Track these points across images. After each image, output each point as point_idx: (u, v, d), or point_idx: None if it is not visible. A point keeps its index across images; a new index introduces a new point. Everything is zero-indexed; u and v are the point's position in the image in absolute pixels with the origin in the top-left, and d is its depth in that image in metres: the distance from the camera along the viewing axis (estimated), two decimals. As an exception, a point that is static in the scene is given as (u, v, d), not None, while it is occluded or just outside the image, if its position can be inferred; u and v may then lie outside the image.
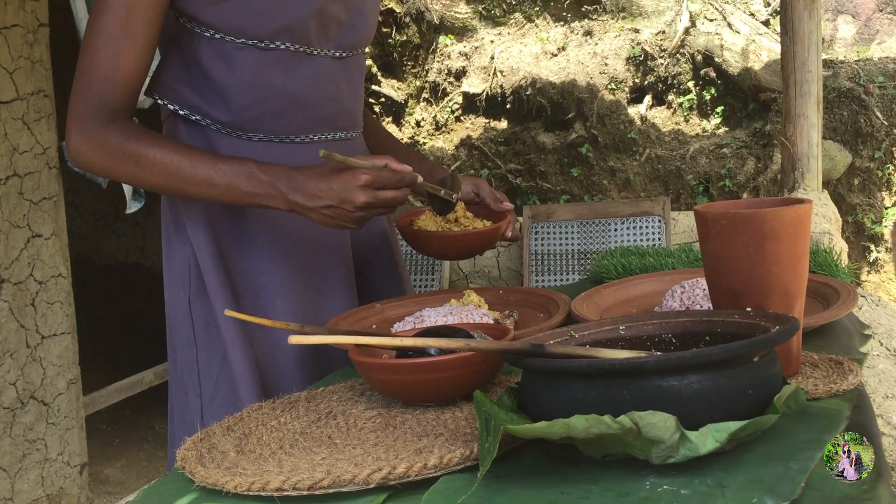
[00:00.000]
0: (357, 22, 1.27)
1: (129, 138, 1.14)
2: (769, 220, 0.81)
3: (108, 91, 1.14)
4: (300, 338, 0.70)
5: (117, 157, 1.13)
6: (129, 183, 1.18)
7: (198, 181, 1.13)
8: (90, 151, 1.14)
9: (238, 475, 0.71)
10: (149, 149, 1.13)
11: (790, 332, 0.69)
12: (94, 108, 1.14)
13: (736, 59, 5.00)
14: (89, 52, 1.15)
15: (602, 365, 0.65)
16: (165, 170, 1.13)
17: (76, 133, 1.15)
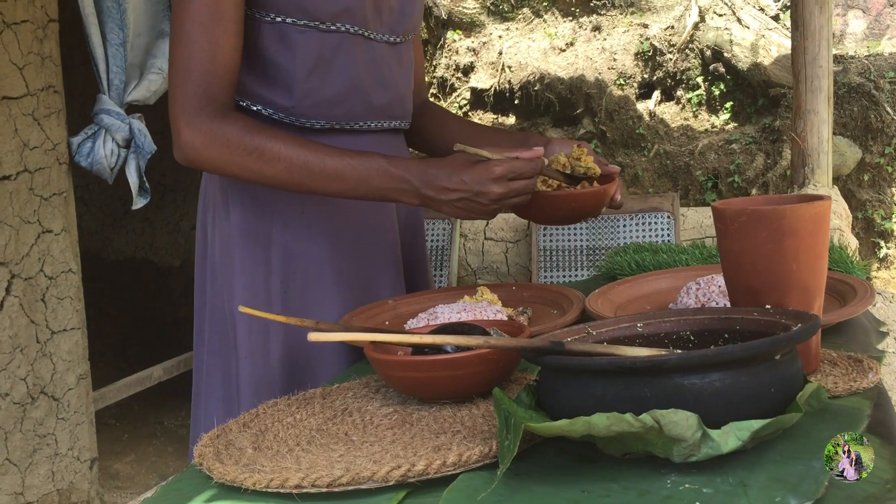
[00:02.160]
0: (407, 7, 1.27)
1: (248, 132, 1.11)
2: (788, 217, 0.80)
3: (212, 82, 1.12)
4: (320, 335, 0.70)
5: (237, 152, 1.11)
6: (248, 178, 1.14)
7: (326, 175, 1.11)
8: (206, 147, 1.11)
9: (256, 472, 0.71)
10: (272, 142, 1.11)
11: (812, 329, 0.69)
12: (202, 102, 1.11)
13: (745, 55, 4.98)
14: (183, 43, 1.12)
15: (623, 363, 0.65)
16: (291, 164, 1.11)
17: (188, 129, 1.11)
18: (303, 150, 1.11)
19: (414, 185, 1.10)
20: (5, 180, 2.62)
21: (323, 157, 1.11)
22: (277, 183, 1.13)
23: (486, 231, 4.43)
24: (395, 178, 1.11)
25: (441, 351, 0.86)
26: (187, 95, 1.11)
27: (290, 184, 1.12)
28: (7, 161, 2.62)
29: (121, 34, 2.86)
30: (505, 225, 4.42)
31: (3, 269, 2.61)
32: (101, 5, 2.83)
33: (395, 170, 1.11)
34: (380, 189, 1.11)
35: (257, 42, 1.18)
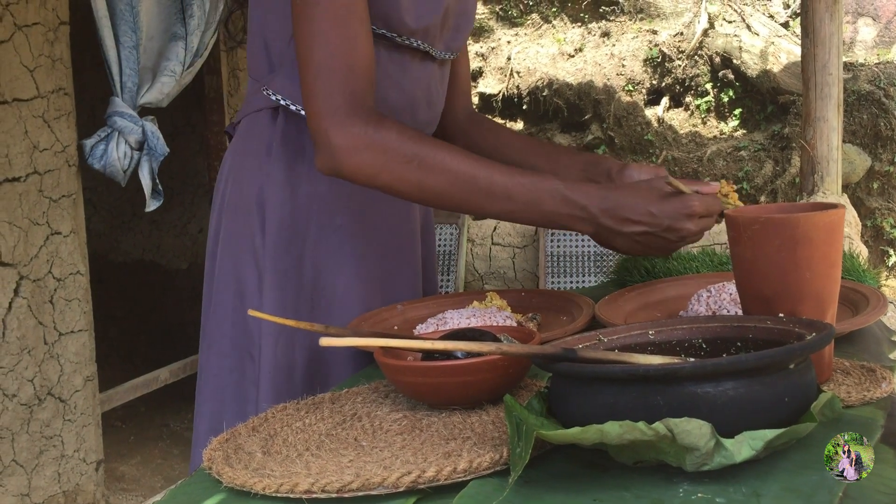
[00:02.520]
0: (463, 24, 1.24)
1: (409, 139, 1.03)
2: (802, 225, 0.80)
3: (356, 82, 1.03)
4: (331, 340, 0.70)
5: (395, 159, 1.02)
6: (402, 189, 1.04)
7: (492, 192, 1.02)
8: (359, 152, 1.02)
9: (266, 476, 0.71)
10: (435, 151, 1.03)
11: (827, 338, 0.68)
12: (351, 103, 1.03)
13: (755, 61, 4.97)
14: (320, 41, 1.02)
15: (636, 370, 0.65)
16: (456, 176, 1.02)
17: (340, 132, 1.02)
18: (470, 163, 1.03)
19: (591, 213, 1.02)
20: (15, 182, 2.63)
21: (492, 172, 1.02)
22: (435, 196, 1.04)
23: (494, 236, 4.43)
24: (570, 203, 1.02)
25: (451, 357, 0.85)
26: (333, 96, 1.02)
27: (450, 198, 1.03)
28: (17, 163, 2.63)
29: (134, 37, 2.87)
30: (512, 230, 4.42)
31: (11, 271, 2.62)
32: (115, 8, 2.84)
33: (571, 194, 1.02)
34: (551, 214, 1.03)
35: None
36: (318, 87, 1.03)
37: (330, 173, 1.06)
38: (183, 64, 3.10)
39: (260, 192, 1.20)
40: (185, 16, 3.11)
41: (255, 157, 1.22)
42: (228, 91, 3.92)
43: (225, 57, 3.88)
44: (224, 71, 3.88)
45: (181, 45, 3.09)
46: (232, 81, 3.97)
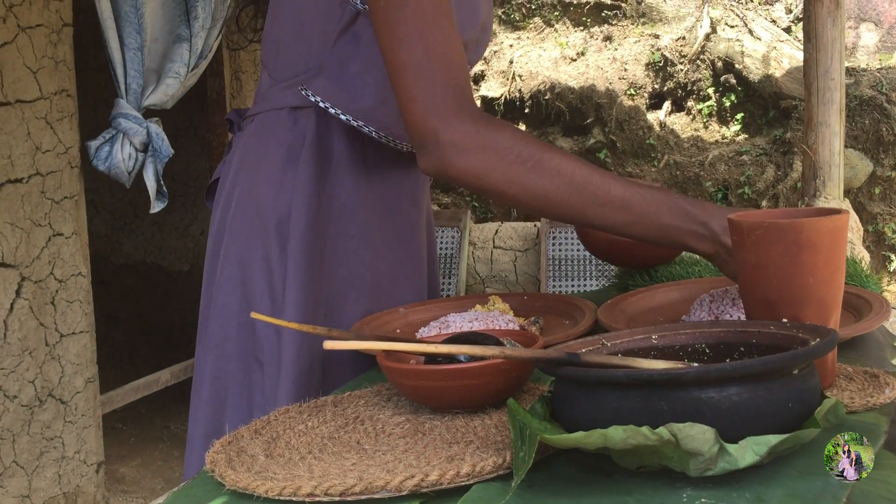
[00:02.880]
0: (485, 38, 1.25)
1: (521, 138, 0.98)
2: (806, 231, 0.80)
3: (459, 79, 0.99)
4: (336, 343, 0.70)
5: (508, 159, 0.96)
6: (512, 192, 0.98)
7: (608, 201, 0.97)
8: (470, 152, 0.97)
9: (269, 479, 0.71)
10: (550, 154, 0.97)
11: (831, 344, 0.68)
12: (457, 101, 0.98)
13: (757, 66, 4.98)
14: (414, 42, 0.98)
15: (640, 375, 0.64)
16: (572, 181, 0.96)
17: (450, 131, 0.97)
18: (586, 169, 0.97)
19: (713, 231, 0.96)
20: (17, 183, 2.63)
21: (608, 180, 0.97)
22: (546, 202, 0.98)
23: (495, 239, 4.43)
24: (691, 218, 0.97)
25: (454, 360, 0.85)
26: (437, 95, 0.97)
27: (562, 205, 0.97)
28: (19, 164, 2.63)
29: (138, 38, 2.87)
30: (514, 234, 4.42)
31: (13, 272, 2.62)
32: (119, 10, 2.84)
33: (693, 209, 0.97)
34: (669, 228, 0.97)
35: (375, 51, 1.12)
36: (420, 88, 0.98)
37: (436, 173, 1.01)
38: (187, 66, 3.10)
39: (277, 194, 1.18)
40: (189, 18, 3.11)
41: (273, 158, 1.20)
42: (231, 93, 3.93)
43: (228, 59, 3.88)
44: (227, 73, 3.89)
45: (185, 46, 3.09)
46: (234, 83, 3.97)
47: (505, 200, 1.01)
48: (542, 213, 1.01)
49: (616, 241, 1.29)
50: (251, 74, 4.08)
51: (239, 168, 1.23)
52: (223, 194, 1.25)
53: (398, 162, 1.25)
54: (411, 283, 1.30)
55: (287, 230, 1.17)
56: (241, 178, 1.22)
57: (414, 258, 1.30)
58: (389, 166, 1.24)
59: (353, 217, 1.21)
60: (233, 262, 1.20)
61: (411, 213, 1.29)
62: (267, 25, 1.26)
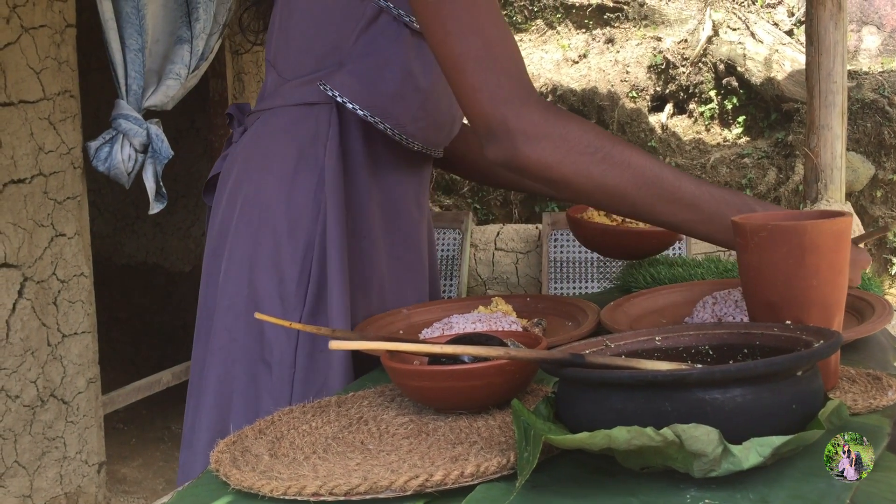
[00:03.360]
0: None
1: (590, 130, 0.96)
2: (810, 233, 0.80)
3: (521, 68, 0.97)
4: (341, 343, 0.70)
5: (578, 149, 0.95)
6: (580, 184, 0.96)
7: (678, 198, 0.95)
8: (540, 141, 0.95)
9: (274, 479, 0.71)
10: (621, 147, 0.96)
11: (835, 346, 0.68)
12: (524, 91, 0.97)
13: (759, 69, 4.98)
14: (472, 34, 0.97)
15: (644, 376, 0.65)
16: (643, 175, 0.95)
17: (520, 120, 0.95)
18: (657, 164, 0.95)
19: None
20: (20, 183, 2.63)
21: (680, 176, 0.95)
22: (613, 195, 0.96)
23: (497, 241, 4.43)
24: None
25: (458, 361, 0.86)
26: (503, 85, 0.96)
27: (630, 198, 0.96)
28: (22, 164, 2.64)
29: (139, 40, 2.88)
30: (515, 235, 4.42)
31: (15, 272, 2.63)
32: (121, 11, 2.85)
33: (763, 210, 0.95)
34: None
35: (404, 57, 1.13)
36: (484, 78, 0.96)
37: (505, 162, 0.98)
38: (188, 67, 3.11)
39: (290, 193, 1.17)
40: (190, 19, 3.12)
41: (284, 157, 1.19)
42: (233, 94, 3.93)
43: (230, 60, 3.89)
44: (229, 74, 3.89)
45: (187, 48, 3.10)
46: (237, 85, 3.98)
47: (572, 191, 0.99)
48: (609, 205, 0.99)
49: (609, 231, 1.29)
50: (254, 76, 4.08)
51: (245, 166, 1.22)
52: (225, 192, 1.23)
53: (406, 162, 1.25)
54: (413, 284, 1.30)
55: (301, 232, 1.16)
56: (248, 177, 1.21)
57: (417, 259, 1.31)
58: (398, 166, 1.25)
59: (364, 217, 1.21)
60: (238, 262, 1.19)
61: (414, 213, 1.29)
62: (274, 24, 1.26)
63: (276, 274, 1.17)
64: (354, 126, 1.19)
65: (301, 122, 1.19)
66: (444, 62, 1.00)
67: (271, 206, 1.18)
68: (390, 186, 1.25)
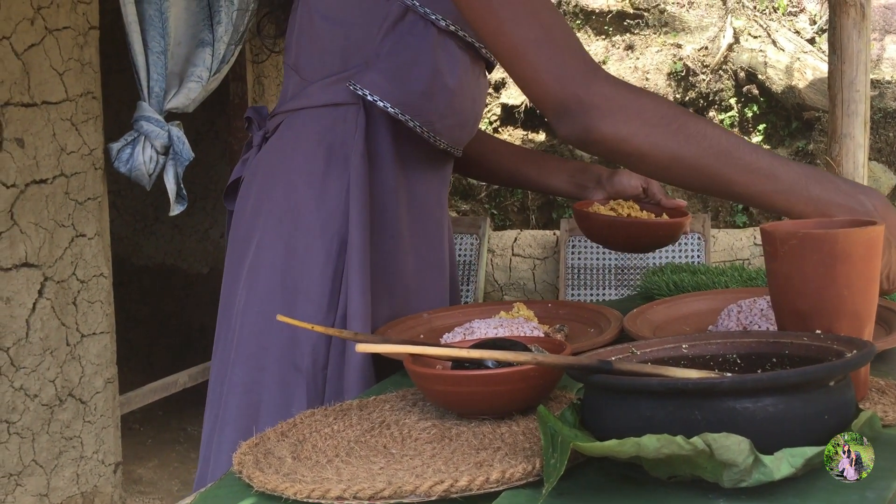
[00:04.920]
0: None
1: (663, 103, 0.95)
2: (841, 242, 0.79)
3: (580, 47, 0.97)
4: (368, 346, 0.70)
5: (653, 120, 0.93)
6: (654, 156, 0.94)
7: (756, 168, 0.92)
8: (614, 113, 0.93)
9: (297, 482, 0.71)
10: (694, 119, 0.95)
11: (868, 356, 0.67)
12: (590, 66, 0.96)
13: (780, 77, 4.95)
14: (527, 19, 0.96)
15: (674, 384, 0.64)
16: (719, 146, 0.92)
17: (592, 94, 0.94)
18: (731, 136, 0.93)
19: (866, 207, 0.91)
20: (42, 184, 2.65)
21: (755, 148, 0.93)
22: (689, 168, 0.94)
23: (514, 247, 4.42)
24: (844, 193, 0.91)
25: (481, 366, 0.85)
26: (568, 63, 0.95)
27: (709, 169, 0.93)
28: (44, 165, 2.66)
29: (162, 42, 2.89)
30: (533, 241, 4.41)
31: (36, 272, 2.64)
32: (144, 14, 2.86)
33: (844, 184, 0.93)
34: (819, 200, 0.91)
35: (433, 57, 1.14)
36: (548, 60, 0.95)
37: (579, 139, 0.97)
38: (209, 70, 3.12)
39: (321, 195, 1.17)
40: (212, 22, 3.13)
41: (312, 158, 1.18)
42: (253, 98, 3.94)
43: (251, 64, 3.90)
44: (249, 77, 3.91)
45: (208, 51, 3.11)
46: (257, 88, 4.00)
47: (649, 165, 0.97)
48: (684, 179, 0.96)
49: (616, 223, 1.28)
50: (273, 79, 4.09)
51: (270, 170, 1.21)
52: (250, 198, 1.23)
53: (431, 161, 1.25)
54: (435, 285, 1.30)
55: (333, 232, 1.16)
56: (276, 181, 1.20)
57: (439, 259, 1.30)
58: (423, 165, 1.25)
59: (391, 217, 1.21)
60: (269, 268, 1.17)
61: (437, 213, 1.29)
62: (294, 29, 1.25)
63: (310, 278, 1.16)
64: (382, 125, 1.19)
65: (328, 123, 1.19)
66: (501, 51, 0.99)
67: (302, 210, 1.17)
68: (416, 185, 1.25)
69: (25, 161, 2.59)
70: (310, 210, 1.17)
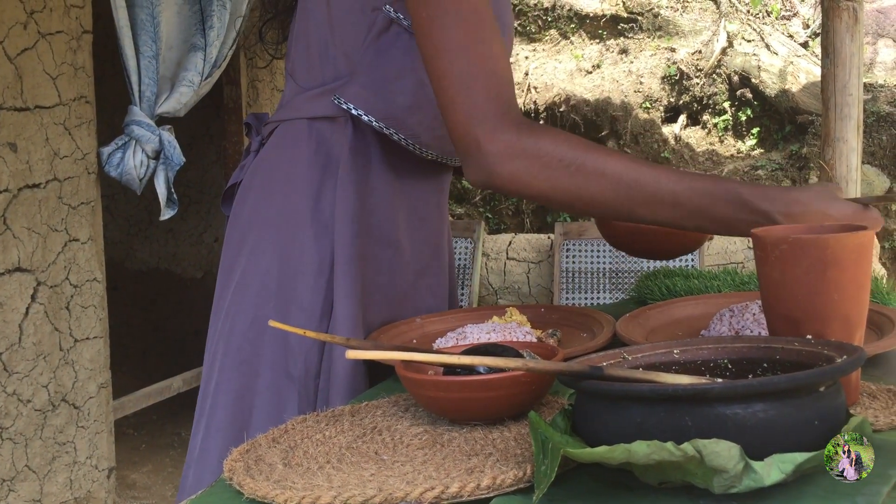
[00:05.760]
0: (509, 45, 1.25)
1: (563, 143, 0.97)
2: (832, 247, 0.79)
3: (502, 88, 0.99)
4: (358, 353, 0.70)
5: (552, 165, 0.96)
6: (558, 197, 0.99)
7: (658, 199, 0.95)
8: (514, 160, 0.97)
9: (288, 489, 0.71)
10: (594, 155, 0.97)
11: (859, 361, 0.67)
12: (501, 110, 0.98)
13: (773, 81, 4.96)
14: (457, 51, 0.98)
15: (665, 390, 0.64)
16: (619, 181, 0.95)
17: (493, 140, 0.97)
18: (633, 165, 0.96)
19: (773, 220, 0.92)
20: (35, 188, 2.65)
21: (659, 175, 0.96)
22: (595, 203, 0.98)
23: (509, 251, 4.43)
24: (749, 209, 0.93)
25: (473, 372, 0.85)
26: (479, 104, 0.98)
27: (611, 205, 0.97)
28: (37, 169, 2.65)
29: (154, 47, 2.89)
30: (527, 245, 4.41)
31: (29, 277, 2.63)
32: (136, 18, 2.86)
33: (751, 198, 0.93)
34: (724, 220, 0.94)
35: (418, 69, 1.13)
36: (463, 98, 0.98)
37: (483, 184, 1.00)
38: (201, 74, 3.12)
39: (316, 205, 1.17)
40: (204, 27, 3.13)
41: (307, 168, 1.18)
42: (247, 102, 3.94)
43: (245, 67, 3.90)
44: (243, 81, 3.90)
45: (200, 55, 3.11)
46: (251, 92, 3.99)
47: (553, 205, 1.02)
48: (591, 212, 1.01)
49: (639, 231, 1.24)
50: (268, 83, 4.09)
51: (267, 176, 1.21)
52: (247, 202, 1.23)
53: (425, 171, 1.25)
54: (433, 291, 1.30)
55: (327, 241, 1.16)
56: (272, 188, 1.20)
57: (439, 266, 1.30)
58: (418, 175, 1.24)
59: (388, 227, 1.21)
60: (262, 274, 1.17)
61: (436, 222, 1.29)
62: (293, 34, 1.25)
63: (303, 286, 1.16)
64: (371, 137, 1.19)
65: (322, 134, 1.19)
66: (430, 76, 1.02)
67: (297, 218, 1.17)
68: (413, 194, 1.24)
69: (18, 165, 2.58)
70: (304, 219, 1.17)
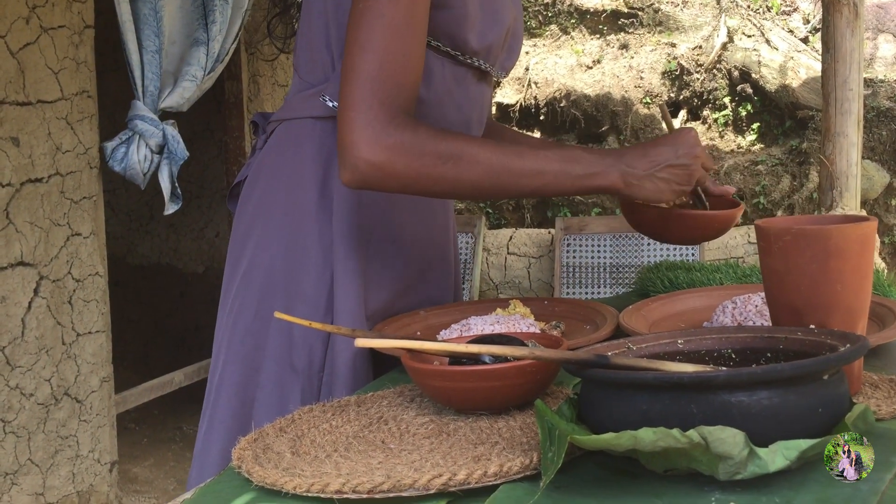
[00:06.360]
0: (515, 44, 1.26)
1: (441, 138, 1.05)
2: (834, 238, 0.80)
3: (402, 95, 1.04)
4: (367, 341, 0.70)
5: (430, 161, 1.03)
6: (438, 189, 1.07)
7: (526, 173, 1.07)
8: (394, 160, 1.02)
9: (297, 476, 0.71)
10: (468, 146, 1.06)
11: (862, 350, 0.68)
12: (391, 113, 1.03)
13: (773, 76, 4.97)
14: (373, 49, 1.03)
15: (670, 378, 0.65)
16: (491, 166, 1.06)
17: (370, 143, 1.02)
18: (499, 150, 1.07)
19: (617, 165, 1.08)
20: (37, 183, 2.65)
21: (520, 153, 1.07)
22: (472, 189, 1.07)
23: (509, 246, 4.43)
24: (594, 162, 1.08)
25: (478, 362, 0.86)
26: (373, 107, 1.02)
27: (487, 188, 1.08)
28: (40, 164, 2.65)
29: (157, 41, 2.89)
30: (528, 240, 4.42)
31: (31, 271, 2.64)
32: (139, 13, 2.86)
33: (591, 155, 1.09)
34: (581, 177, 1.08)
35: None
36: (360, 97, 1.02)
37: (357, 186, 1.05)
38: (204, 69, 3.12)
39: (320, 200, 1.18)
40: (207, 21, 3.13)
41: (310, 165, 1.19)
42: (248, 97, 3.94)
43: (246, 62, 3.90)
44: (245, 77, 3.91)
45: (203, 50, 3.11)
46: (252, 87, 3.99)
47: (436, 196, 1.15)
48: (476, 198, 1.13)
49: (666, 214, 1.21)
50: (269, 78, 4.09)
51: (273, 173, 1.22)
52: (252, 198, 1.23)
53: None
54: (438, 284, 1.30)
55: (331, 236, 1.17)
56: (278, 184, 1.21)
57: (444, 259, 1.31)
58: None
59: (393, 222, 1.21)
60: (267, 268, 1.18)
61: (440, 215, 1.29)
62: (299, 31, 1.26)
63: (307, 280, 1.17)
64: None
65: (324, 132, 1.19)
66: (342, 66, 1.05)
67: (301, 213, 1.18)
68: None
69: (21, 160, 2.59)
70: (309, 213, 1.18)
